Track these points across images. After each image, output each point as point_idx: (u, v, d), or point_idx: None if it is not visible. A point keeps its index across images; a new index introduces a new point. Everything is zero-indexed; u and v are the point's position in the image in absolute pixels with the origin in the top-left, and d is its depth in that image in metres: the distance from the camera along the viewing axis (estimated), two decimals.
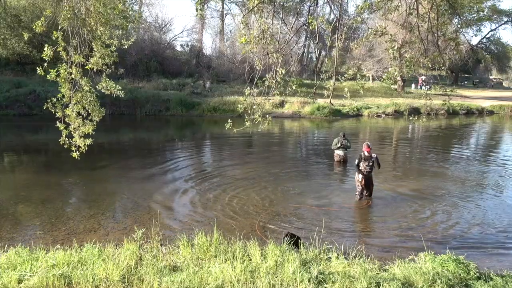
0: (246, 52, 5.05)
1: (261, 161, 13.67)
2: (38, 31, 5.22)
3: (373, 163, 8.99)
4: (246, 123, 5.51)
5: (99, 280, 4.68)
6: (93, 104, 5.74)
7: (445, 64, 5.81)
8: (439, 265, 5.11)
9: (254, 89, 5.37)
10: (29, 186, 10.02)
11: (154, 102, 27.61)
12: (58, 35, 5.18)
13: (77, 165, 10.24)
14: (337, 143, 12.65)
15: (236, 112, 6.00)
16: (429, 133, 22.00)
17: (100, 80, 5.78)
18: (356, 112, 28.61)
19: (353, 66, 5.41)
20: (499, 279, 4.93)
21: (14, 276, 4.69)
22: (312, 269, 4.89)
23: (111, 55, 5.60)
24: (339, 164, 12.75)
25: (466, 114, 30.52)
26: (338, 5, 6.35)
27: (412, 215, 8.26)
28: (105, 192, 9.70)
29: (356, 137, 20.04)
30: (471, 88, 45.09)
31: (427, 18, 5.22)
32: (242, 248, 5.48)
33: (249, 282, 4.64)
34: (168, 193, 9.65)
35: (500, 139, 20.84)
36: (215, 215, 7.99)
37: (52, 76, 5.30)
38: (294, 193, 9.69)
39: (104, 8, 5.40)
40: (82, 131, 5.71)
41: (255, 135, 18.64)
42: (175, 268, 5.14)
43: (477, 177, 11.72)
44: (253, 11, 5.20)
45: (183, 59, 39.63)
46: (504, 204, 9.15)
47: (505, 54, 49.48)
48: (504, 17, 45.69)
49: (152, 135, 20.21)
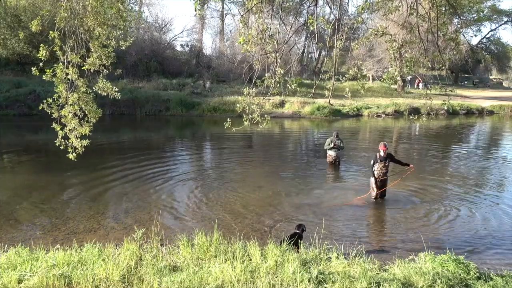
0: (245, 51, 5.05)
1: (261, 161, 13.66)
2: (34, 30, 5.20)
3: (389, 164, 8.73)
4: (245, 122, 5.52)
5: (99, 280, 4.68)
6: (90, 105, 5.70)
7: (445, 64, 5.82)
8: (439, 265, 5.11)
9: (252, 89, 5.37)
10: (29, 186, 10.01)
11: (154, 102, 27.61)
12: (55, 35, 5.16)
13: (77, 165, 10.22)
14: (330, 143, 12.28)
15: (236, 112, 6.01)
16: (429, 133, 22.00)
17: (98, 80, 5.75)
18: (356, 112, 28.61)
19: (354, 66, 5.41)
20: (499, 279, 4.93)
21: (14, 276, 4.68)
22: (312, 269, 4.88)
23: (109, 55, 5.57)
24: (331, 165, 12.45)
25: (466, 114, 30.52)
26: (338, 5, 6.33)
27: (412, 215, 8.26)
28: (105, 192, 9.69)
29: (356, 137, 20.05)
30: (471, 88, 45.09)
31: (427, 18, 5.22)
32: (242, 248, 5.48)
33: (249, 282, 4.63)
34: (168, 193, 9.64)
35: (500, 139, 20.83)
36: (215, 215, 7.98)
37: (48, 76, 5.27)
38: (294, 193, 9.69)
39: (102, 8, 5.37)
40: (78, 132, 5.68)
41: (255, 135, 18.64)
42: (175, 268, 5.14)
43: (477, 177, 11.72)
44: (252, 11, 5.20)
45: (183, 59, 39.64)
46: (504, 204, 9.15)
47: (505, 54, 49.48)
48: (504, 17, 45.73)
49: (152, 135, 20.20)
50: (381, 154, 8.75)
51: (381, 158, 8.77)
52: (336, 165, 12.47)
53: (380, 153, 8.76)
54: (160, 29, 40.28)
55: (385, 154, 8.77)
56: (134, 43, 26.47)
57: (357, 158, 14.04)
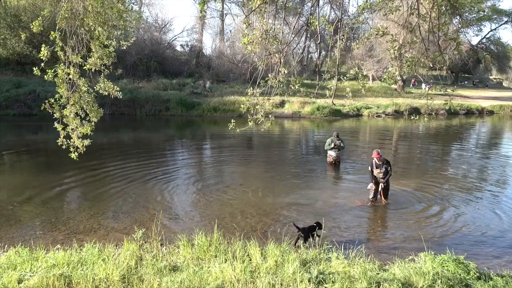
0: (248, 52, 5.04)
1: (261, 161, 13.66)
2: (35, 30, 5.21)
3: (385, 169, 8.66)
4: (249, 123, 5.50)
5: (99, 280, 4.68)
6: (91, 104, 5.71)
7: (446, 64, 5.81)
8: (439, 265, 5.10)
9: (256, 89, 5.36)
10: (29, 186, 10.00)
11: (154, 102, 27.61)
12: (56, 35, 5.16)
13: (77, 165, 10.23)
14: (330, 143, 12.29)
15: (237, 112, 6.01)
16: (429, 133, 22.00)
17: (99, 80, 5.76)
18: (356, 112, 28.61)
19: (354, 66, 5.41)
20: (499, 279, 4.92)
21: (14, 276, 4.68)
22: (312, 269, 4.88)
23: (110, 55, 5.57)
24: (331, 165, 12.45)
25: (466, 114, 30.53)
26: (339, 6, 6.35)
27: (412, 215, 8.26)
28: (105, 192, 9.69)
29: (356, 137, 20.05)
30: (471, 88, 45.09)
31: (428, 18, 5.21)
32: (242, 248, 5.48)
33: (249, 282, 4.63)
34: (168, 193, 9.64)
35: (500, 139, 20.83)
36: (215, 215, 7.98)
37: (50, 77, 5.28)
38: (294, 193, 9.68)
39: (102, 8, 5.38)
40: (80, 131, 5.69)
41: (255, 135, 18.64)
42: (175, 268, 5.13)
43: (477, 177, 11.72)
44: (254, 11, 5.19)
45: (183, 59, 39.65)
46: (504, 204, 9.14)
47: (505, 54, 49.54)
48: (504, 17, 45.76)
49: (152, 135, 20.19)
50: (376, 162, 8.71)
51: (377, 165, 8.73)
52: (336, 165, 12.47)
53: (375, 160, 8.72)
54: (160, 29, 40.28)
55: (381, 161, 8.70)
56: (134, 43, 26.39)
57: (357, 158, 14.04)
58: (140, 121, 25.68)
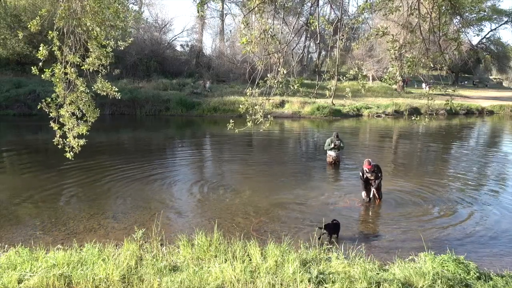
0: (246, 52, 5.03)
1: (261, 161, 13.66)
2: (33, 30, 5.20)
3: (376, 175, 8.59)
4: (248, 123, 5.48)
5: (99, 280, 4.67)
6: (88, 104, 5.70)
7: (446, 64, 5.80)
8: (439, 265, 5.10)
9: (255, 89, 5.35)
10: (29, 186, 10.00)
11: (154, 102, 27.61)
12: (54, 35, 5.15)
13: (77, 165, 10.23)
14: (330, 143, 12.28)
15: (236, 112, 6.01)
16: (429, 133, 21.99)
17: (97, 80, 5.74)
18: (356, 112, 28.61)
19: (354, 66, 5.41)
20: (499, 279, 4.92)
21: (14, 276, 4.68)
22: (312, 269, 4.88)
23: (107, 55, 5.55)
24: (331, 165, 12.45)
25: (466, 114, 30.53)
26: (339, 6, 6.35)
27: (412, 215, 8.25)
28: (105, 192, 9.68)
29: (356, 137, 20.06)
30: (471, 88, 45.09)
31: (428, 18, 5.21)
32: (242, 248, 5.47)
33: (249, 282, 4.63)
34: (168, 193, 9.64)
35: (500, 139, 20.83)
36: (215, 215, 7.98)
37: (47, 76, 5.27)
38: (293, 193, 9.68)
39: (100, 8, 5.36)
40: (76, 131, 5.68)
41: (255, 135, 18.63)
42: (175, 268, 5.13)
43: (477, 177, 11.72)
44: (253, 11, 5.19)
45: (183, 59, 39.66)
46: (504, 204, 9.14)
47: (505, 54, 49.53)
48: (504, 17, 45.75)
49: (152, 135, 20.19)
50: (366, 171, 8.61)
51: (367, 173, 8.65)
52: (336, 165, 12.48)
53: (365, 170, 8.61)
54: (160, 29, 40.27)
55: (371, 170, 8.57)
56: (134, 43, 26.47)
57: (357, 159, 14.02)
58: (140, 121, 25.68)
